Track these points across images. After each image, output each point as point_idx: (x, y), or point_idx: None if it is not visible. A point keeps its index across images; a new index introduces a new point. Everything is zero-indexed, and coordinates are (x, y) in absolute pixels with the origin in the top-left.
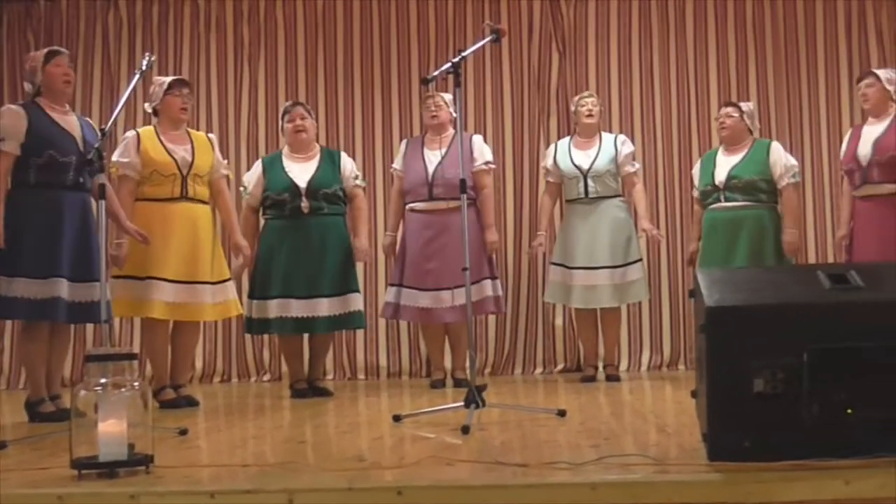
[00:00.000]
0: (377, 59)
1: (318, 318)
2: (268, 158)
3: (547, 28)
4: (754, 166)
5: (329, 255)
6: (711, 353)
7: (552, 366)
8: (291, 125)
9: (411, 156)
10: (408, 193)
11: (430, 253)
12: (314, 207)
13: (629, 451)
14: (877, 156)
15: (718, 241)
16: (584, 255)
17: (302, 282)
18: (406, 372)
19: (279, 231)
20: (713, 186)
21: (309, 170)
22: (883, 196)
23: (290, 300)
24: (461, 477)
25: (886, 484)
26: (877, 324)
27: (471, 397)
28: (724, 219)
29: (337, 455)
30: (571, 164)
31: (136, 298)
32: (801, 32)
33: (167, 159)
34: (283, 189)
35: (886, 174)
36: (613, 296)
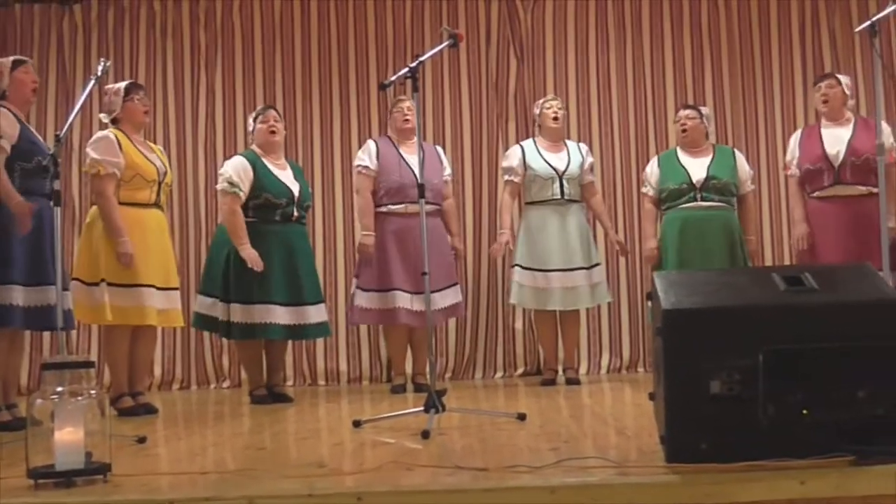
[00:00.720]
0: (335, 64)
1: (308, 325)
2: (249, 157)
3: (504, 33)
4: (727, 169)
5: (308, 262)
6: (668, 355)
7: (512, 369)
8: (265, 126)
9: (389, 157)
10: (386, 195)
11: (405, 256)
12: (299, 216)
13: (588, 453)
14: (851, 157)
15: (694, 242)
16: (561, 257)
17: (288, 288)
18: (366, 377)
19: (267, 236)
20: (689, 185)
21: (290, 178)
22: (854, 197)
23: (276, 306)
24: (421, 482)
25: (841, 484)
26: (831, 325)
27: (431, 402)
28: (698, 218)
29: (297, 461)
30: (546, 164)
31: (129, 305)
32: (755, 37)
33: (149, 164)
34: (282, 194)
35: (859, 176)
36: (591, 296)
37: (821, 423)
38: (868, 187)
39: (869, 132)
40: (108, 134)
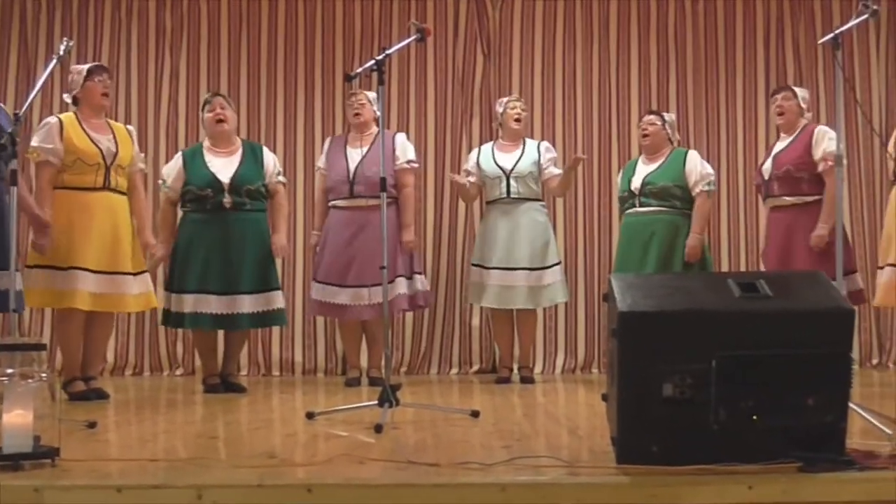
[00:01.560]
0: (301, 53)
1: (239, 314)
2: (188, 151)
3: (472, 29)
4: (670, 173)
5: (249, 251)
6: (622, 357)
7: (468, 366)
8: (212, 115)
9: (334, 153)
10: (330, 191)
11: (350, 250)
12: (236, 203)
13: (540, 452)
14: (775, 170)
15: (633, 245)
16: (501, 256)
17: (221, 278)
18: (322, 369)
19: (199, 225)
20: (629, 192)
21: (231, 164)
22: (782, 207)
23: (209, 296)
24: (372, 475)
25: (788, 490)
26: (784, 332)
27: (385, 396)
28: (638, 223)
29: (248, 451)
30: (494, 164)
31: (58, 288)
32: (720, 44)
33: (92, 148)
34: (206, 184)
35: (783, 188)
36: (529, 298)
37: (771, 429)
38: (794, 197)
39: (800, 143)
40: (50, 120)
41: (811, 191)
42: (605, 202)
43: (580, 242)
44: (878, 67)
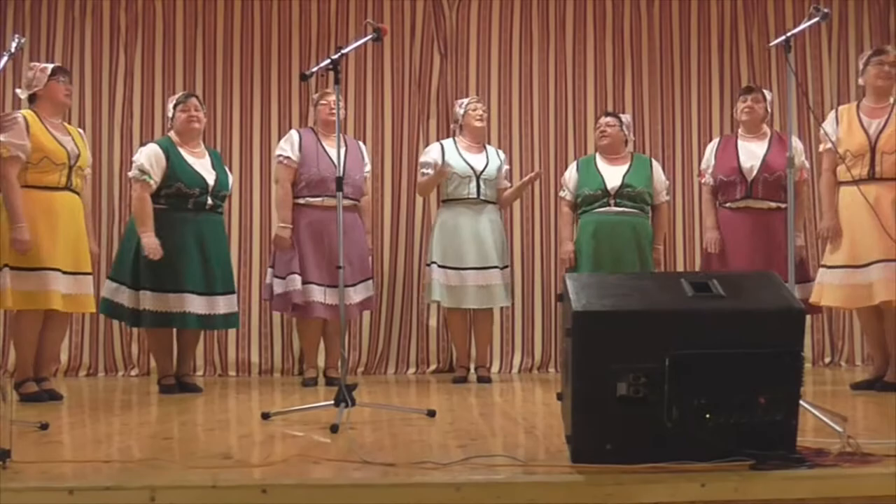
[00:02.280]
0: (257, 52)
1: (217, 315)
2: (164, 144)
3: (429, 30)
4: (643, 179)
5: (222, 253)
6: (576, 356)
7: (425, 366)
8: (186, 115)
9: (312, 150)
10: (306, 187)
11: (323, 249)
12: (214, 205)
13: (496, 452)
14: (764, 173)
15: (606, 244)
16: (476, 256)
17: (204, 278)
18: (278, 369)
19: (179, 224)
20: (604, 191)
21: (207, 167)
22: (763, 211)
23: (193, 296)
24: (328, 476)
25: (740, 488)
26: (736, 332)
27: (341, 396)
28: (611, 222)
29: (203, 452)
30: (465, 163)
31: (32, 290)
32: (675, 47)
33: (59, 147)
34: (195, 183)
35: (770, 192)
36: (487, 297)
37: (723, 428)
38: (777, 202)
39: (783, 149)
40: (17, 115)
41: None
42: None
43: (536, 243)
44: (830, 69)
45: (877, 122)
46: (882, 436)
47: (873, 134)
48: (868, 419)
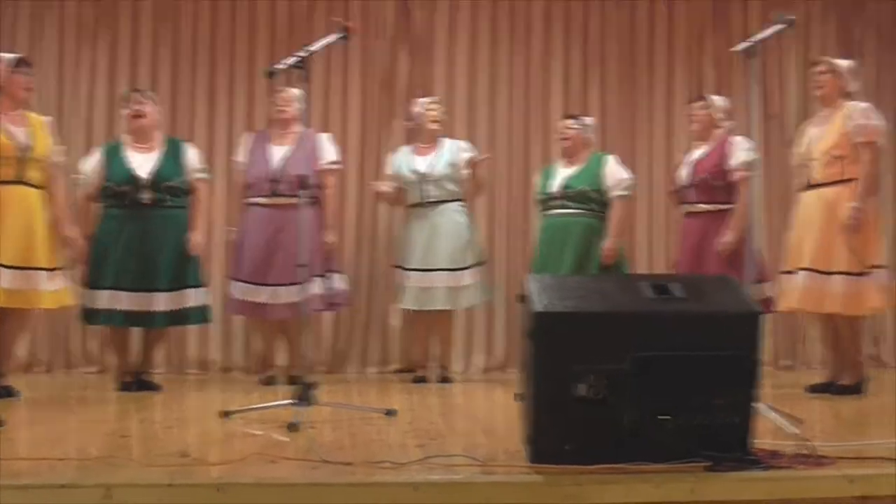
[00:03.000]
0: (224, 48)
1: (154, 312)
2: (108, 146)
3: (397, 29)
4: (588, 177)
5: (168, 248)
6: (537, 357)
7: (386, 365)
8: (128, 112)
9: (256, 150)
10: (250, 188)
11: (270, 249)
12: (157, 199)
13: (456, 452)
14: (693, 177)
15: (550, 247)
16: (419, 257)
17: (136, 275)
18: (238, 367)
19: (117, 221)
20: (548, 195)
21: (151, 160)
22: (699, 213)
23: (122, 293)
24: (285, 475)
25: (695, 489)
26: (694, 334)
27: (300, 395)
28: (555, 225)
29: (160, 450)
30: (409, 169)
31: None
32: (642, 53)
33: (5, 141)
34: (124, 181)
35: (699, 195)
36: (448, 299)
37: (680, 429)
38: (716, 204)
39: (718, 151)
40: None
41: (725, 199)
42: (525, 203)
43: (499, 243)
44: (795, 76)
45: (817, 130)
46: (836, 438)
47: (812, 142)
48: (823, 422)
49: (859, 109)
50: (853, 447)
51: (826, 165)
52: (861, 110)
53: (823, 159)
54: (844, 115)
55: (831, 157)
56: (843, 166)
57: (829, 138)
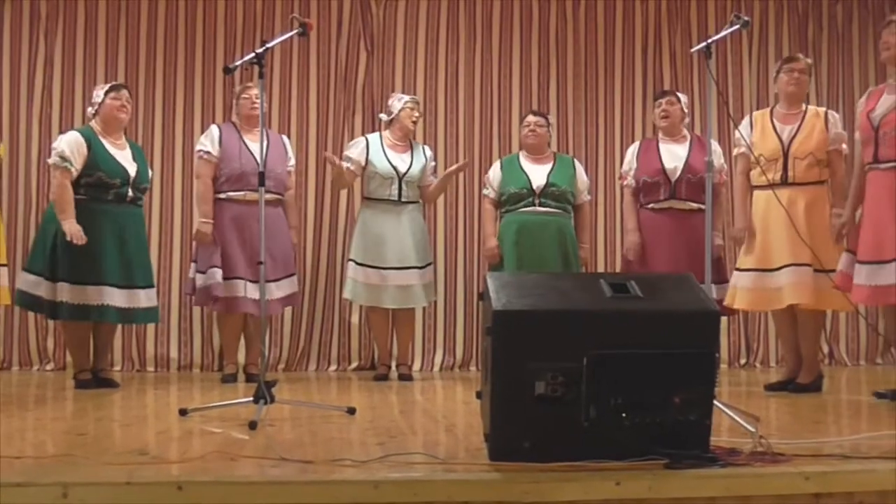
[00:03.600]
0: (182, 44)
1: (138, 308)
2: (85, 133)
3: (356, 26)
4: (567, 178)
5: (142, 246)
6: (496, 354)
7: (346, 363)
8: (118, 103)
9: (232, 144)
10: (227, 182)
11: (242, 244)
12: (135, 197)
13: (416, 449)
14: (688, 174)
15: (530, 244)
16: (396, 256)
17: (123, 271)
18: (197, 365)
19: (98, 215)
20: (529, 190)
21: (128, 159)
22: (686, 212)
23: (113, 289)
24: (245, 473)
25: (654, 486)
26: (652, 332)
27: (260, 393)
28: (535, 222)
29: (118, 448)
30: (389, 165)
31: None
32: (600, 49)
33: None
34: (117, 174)
35: (693, 193)
36: (425, 295)
37: (638, 427)
38: (699, 203)
39: (703, 151)
40: None
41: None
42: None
43: (460, 241)
44: (751, 75)
45: (789, 127)
46: (793, 436)
47: (786, 139)
48: (780, 420)
49: (836, 118)
50: (809, 445)
51: (809, 167)
52: (837, 118)
53: (807, 160)
54: (823, 120)
55: (815, 160)
56: (820, 169)
57: (810, 140)
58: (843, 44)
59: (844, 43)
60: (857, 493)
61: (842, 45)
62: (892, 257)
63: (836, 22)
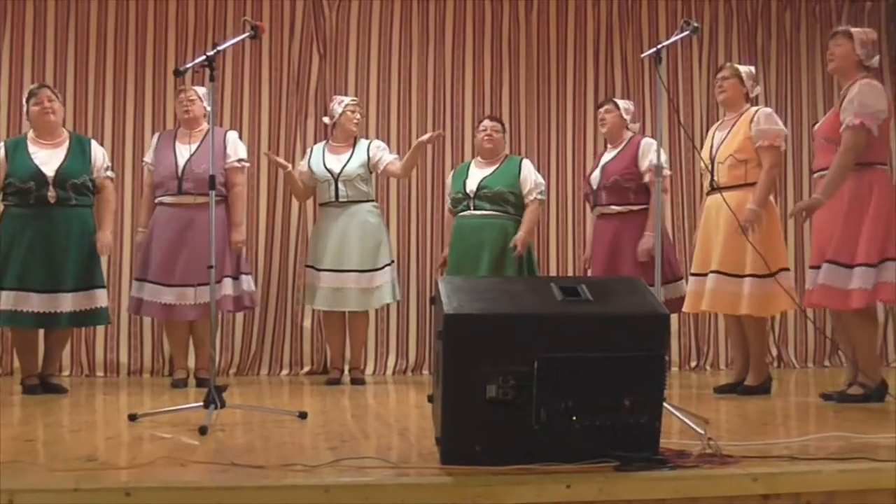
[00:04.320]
0: (132, 46)
1: (60, 313)
2: (11, 141)
3: (308, 29)
4: (505, 179)
5: (74, 248)
6: (447, 358)
7: (299, 367)
8: (38, 108)
9: (163, 149)
10: (157, 187)
11: (176, 248)
12: (61, 198)
13: (368, 454)
14: (603, 180)
15: (465, 247)
16: (332, 258)
17: (43, 275)
18: (148, 370)
19: (21, 220)
20: (464, 195)
21: (57, 157)
22: (611, 215)
23: (30, 293)
24: (194, 478)
25: (604, 488)
26: (602, 336)
27: (210, 397)
28: (471, 226)
29: (67, 454)
30: (324, 167)
31: None
32: (552, 54)
33: None
34: (28, 177)
35: (611, 196)
36: (359, 300)
37: (589, 430)
38: (626, 206)
39: (627, 154)
40: None
41: (637, 200)
42: (438, 204)
43: (412, 244)
44: (701, 81)
45: (722, 133)
46: (741, 438)
47: (716, 145)
48: (729, 422)
49: (763, 114)
50: (757, 446)
51: (730, 168)
52: (765, 115)
53: (728, 163)
54: (749, 119)
55: (735, 161)
56: (746, 170)
57: (733, 142)
58: (791, 50)
59: (793, 49)
60: (804, 494)
61: (790, 51)
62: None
63: (784, 29)
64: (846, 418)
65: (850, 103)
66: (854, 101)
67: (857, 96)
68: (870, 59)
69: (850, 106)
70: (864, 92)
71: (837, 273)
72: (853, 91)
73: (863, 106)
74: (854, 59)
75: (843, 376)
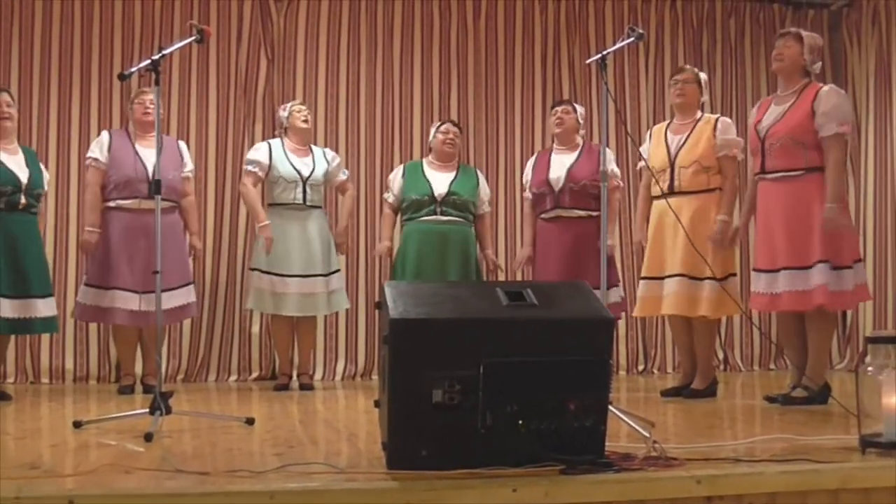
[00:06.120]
0: (77, 50)
1: (35, 318)
2: None
3: (256, 33)
4: (469, 188)
5: (37, 254)
6: (393, 363)
7: (247, 373)
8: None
9: (122, 150)
10: (115, 189)
11: (134, 254)
12: (29, 205)
13: (316, 459)
14: (570, 183)
15: (431, 253)
16: (301, 263)
17: (15, 280)
18: (94, 376)
19: None
20: (430, 198)
21: (21, 164)
22: (573, 219)
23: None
24: (138, 485)
25: (550, 492)
26: (547, 340)
27: (156, 404)
28: (437, 231)
29: (10, 462)
30: (293, 168)
31: None
32: (500, 60)
33: None
34: (9, 182)
35: (576, 201)
36: (328, 303)
37: (534, 433)
38: (587, 210)
39: (591, 159)
40: None
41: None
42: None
43: (361, 249)
44: (647, 87)
45: (679, 137)
46: (686, 440)
47: (674, 149)
48: (676, 425)
49: (725, 123)
50: (702, 449)
51: (695, 174)
52: (727, 124)
53: (692, 168)
54: (712, 126)
55: (700, 167)
56: (708, 177)
57: (696, 149)
58: (736, 56)
59: (737, 55)
60: (747, 496)
61: (735, 57)
62: (783, 266)
63: (729, 35)
64: (790, 420)
65: (835, 109)
66: (837, 108)
67: (836, 104)
68: (813, 66)
69: (834, 112)
70: (842, 100)
71: (797, 277)
72: (828, 98)
73: (845, 114)
74: (801, 62)
75: (787, 379)
